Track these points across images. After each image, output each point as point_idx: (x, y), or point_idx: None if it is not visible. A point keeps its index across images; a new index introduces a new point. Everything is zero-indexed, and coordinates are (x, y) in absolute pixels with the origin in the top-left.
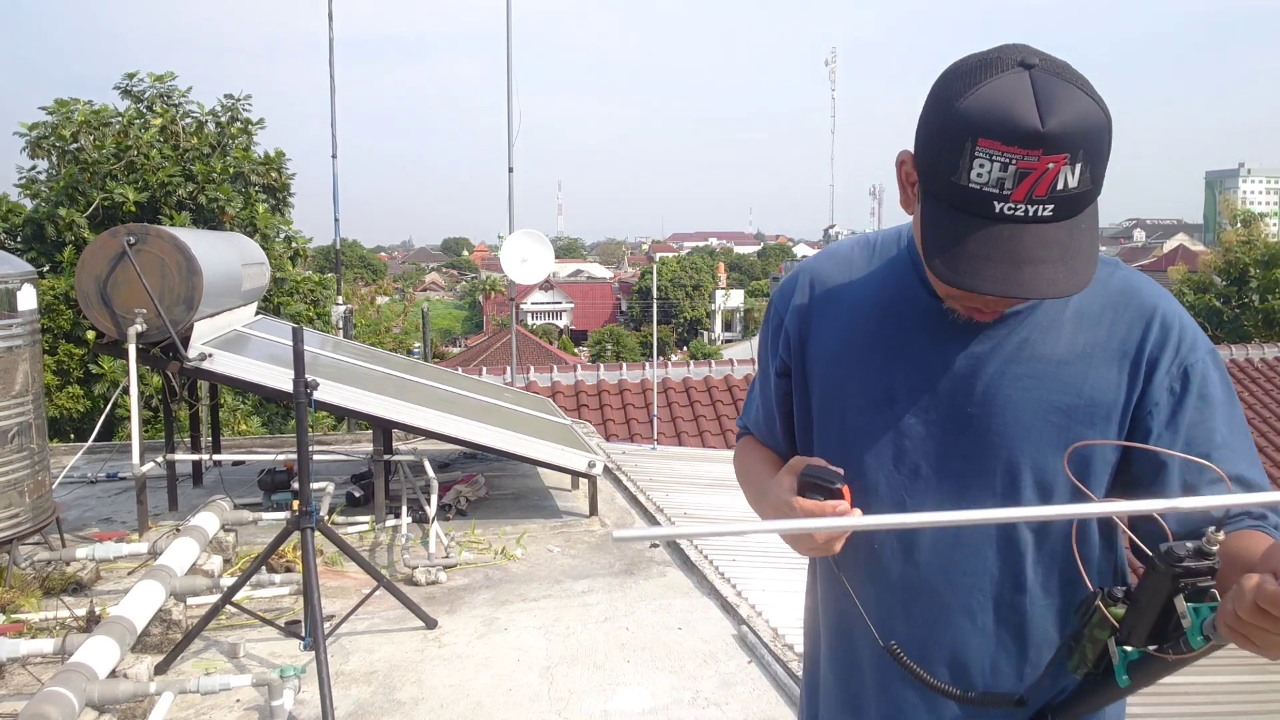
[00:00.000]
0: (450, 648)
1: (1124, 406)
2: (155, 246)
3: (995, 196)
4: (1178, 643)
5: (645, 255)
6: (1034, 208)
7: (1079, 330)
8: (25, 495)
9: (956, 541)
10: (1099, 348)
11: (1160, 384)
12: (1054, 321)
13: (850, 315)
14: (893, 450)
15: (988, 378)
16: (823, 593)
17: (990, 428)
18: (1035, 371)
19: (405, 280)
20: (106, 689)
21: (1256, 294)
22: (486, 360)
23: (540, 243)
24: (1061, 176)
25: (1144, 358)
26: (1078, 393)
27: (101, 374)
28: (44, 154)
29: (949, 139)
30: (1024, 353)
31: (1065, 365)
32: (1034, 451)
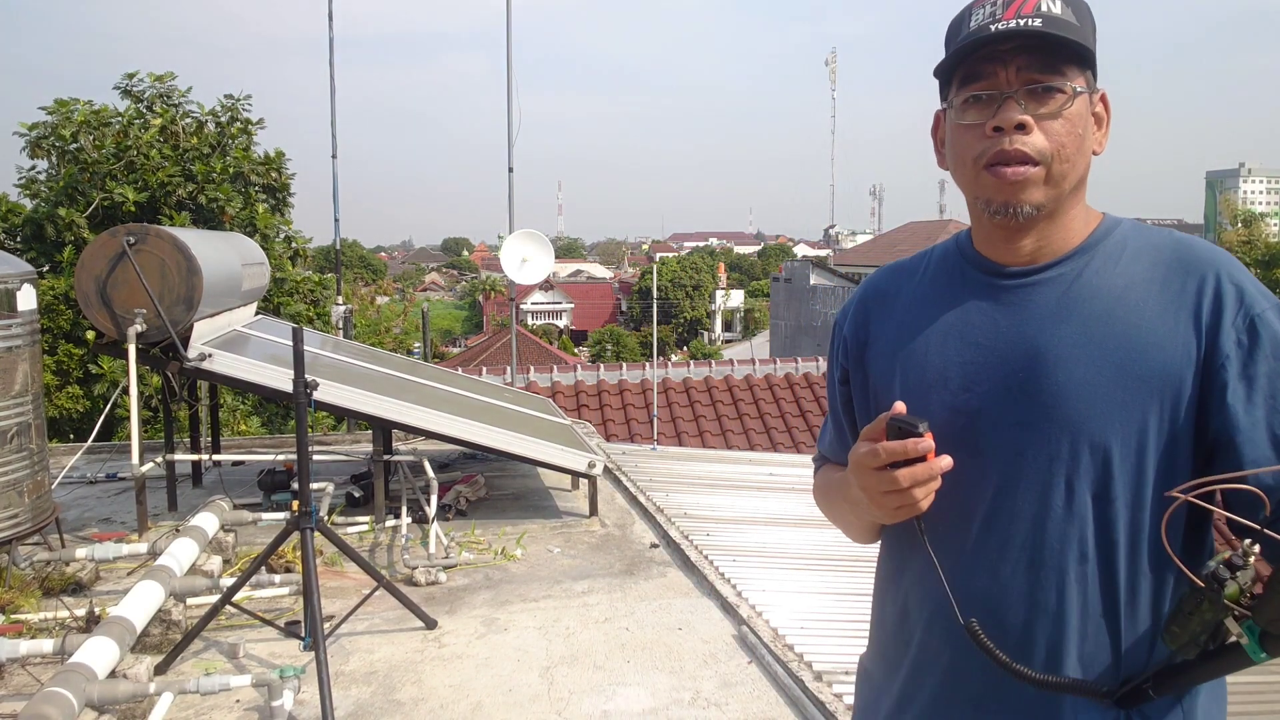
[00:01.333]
0: (450, 648)
1: (1188, 364)
2: (155, 246)
3: (991, 22)
4: None
5: (645, 255)
6: (1023, 21)
7: (1130, 289)
8: (25, 495)
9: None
10: (1152, 304)
11: (1228, 336)
12: (1103, 283)
13: (904, 310)
14: (949, 429)
15: (1038, 343)
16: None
17: (1043, 391)
18: (1085, 332)
19: (405, 280)
20: (106, 689)
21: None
22: (486, 360)
23: (540, 243)
24: (1045, 2)
25: (1203, 312)
26: (1129, 349)
27: (101, 374)
28: (44, 154)
29: (954, 21)
30: (1072, 314)
31: (1115, 323)
32: (1089, 413)
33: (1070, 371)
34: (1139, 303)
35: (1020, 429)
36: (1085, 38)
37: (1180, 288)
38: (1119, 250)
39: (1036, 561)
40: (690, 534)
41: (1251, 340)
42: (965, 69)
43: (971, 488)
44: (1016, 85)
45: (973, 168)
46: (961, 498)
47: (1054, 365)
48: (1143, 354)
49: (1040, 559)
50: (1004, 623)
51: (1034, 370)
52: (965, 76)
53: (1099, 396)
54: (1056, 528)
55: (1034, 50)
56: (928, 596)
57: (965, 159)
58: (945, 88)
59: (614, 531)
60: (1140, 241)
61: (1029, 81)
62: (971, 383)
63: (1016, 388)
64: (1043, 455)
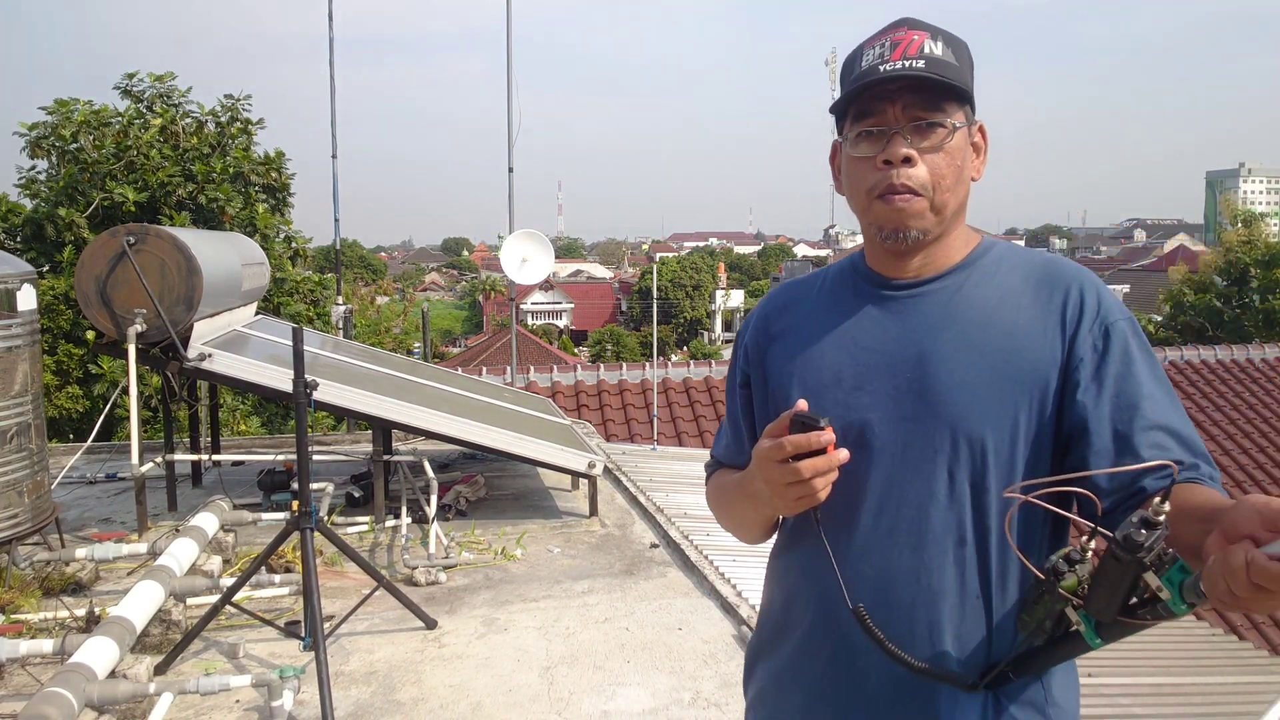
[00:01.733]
0: (450, 648)
1: (1053, 366)
2: (155, 246)
3: (880, 63)
4: (1155, 608)
5: (645, 255)
6: (908, 61)
7: (1004, 300)
8: (24, 495)
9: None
10: (1024, 313)
11: (1084, 341)
12: (980, 295)
13: (803, 319)
14: (841, 425)
15: (922, 348)
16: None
17: (927, 390)
18: (965, 337)
19: (405, 280)
20: (106, 689)
21: (1257, 294)
22: (486, 360)
23: (540, 243)
24: (928, 45)
25: (1067, 320)
26: (1003, 352)
27: (101, 374)
28: (44, 154)
29: (848, 59)
30: (953, 322)
31: (991, 329)
32: (968, 410)
33: (951, 372)
34: (1012, 312)
35: (907, 424)
36: (963, 77)
37: (1048, 299)
38: (995, 266)
39: (921, 545)
40: (690, 534)
41: (1104, 346)
42: (858, 106)
43: (863, 479)
44: (903, 122)
45: (866, 197)
46: (854, 488)
47: (937, 366)
48: (1015, 356)
49: (924, 543)
50: (891, 602)
51: (919, 371)
52: (858, 113)
53: (976, 394)
54: (940, 514)
55: (918, 90)
56: (816, 585)
57: (859, 189)
58: (840, 121)
59: (614, 531)
60: (1014, 259)
61: (914, 118)
62: (863, 383)
63: (904, 387)
64: (927, 448)
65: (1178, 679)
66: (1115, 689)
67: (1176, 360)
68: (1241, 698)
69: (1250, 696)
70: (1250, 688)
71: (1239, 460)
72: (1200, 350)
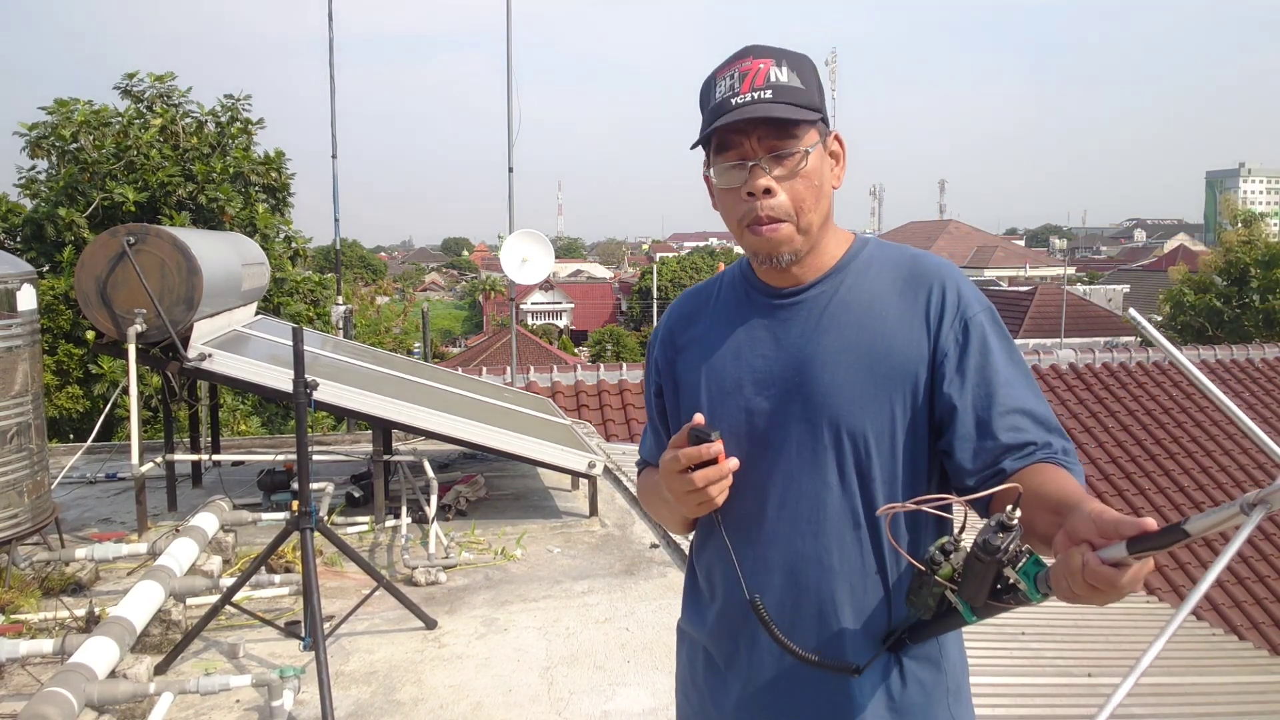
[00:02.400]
0: (450, 648)
1: (921, 361)
2: (155, 246)
3: (731, 96)
4: (1017, 595)
5: (645, 255)
6: (757, 93)
7: (875, 302)
8: (24, 495)
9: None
10: (893, 313)
11: (947, 336)
12: (854, 298)
13: (705, 330)
14: (746, 427)
15: (806, 352)
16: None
17: (814, 392)
18: (842, 340)
19: (405, 280)
20: (106, 689)
21: (1257, 294)
22: (486, 360)
23: (540, 243)
24: (773, 72)
25: (930, 316)
26: (876, 352)
27: (101, 374)
28: (44, 154)
29: (703, 88)
30: (831, 326)
31: (864, 331)
32: (848, 407)
33: (833, 374)
34: (882, 312)
35: (798, 423)
36: (810, 98)
37: (914, 297)
38: (866, 267)
39: (820, 531)
40: None
41: (964, 339)
42: (717, 139)
43: (766, 475)
44: (760, 153)
45: (738, 226)
46: (759, 484)
47: (819, 369)
48: (887, 355)
49: (823, 528)
50: (799, 583)
51: (805, 374)
52: (719, 145)
53: (855, 393)
54: (834, 501)
55: (768, 122)
56: (725, 575)
57: (731, 219)
58: (706, 152)
59: (614, 531)
60: (883, 259)
61: (770, 149)
62: (761, 388)
63: (793, 390)
64: (818, 444)
65: (1178, 679)
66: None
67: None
68: (1241, 698)
69: (1250, 696)
70: (1250, 688)
71: (1239, 460)
72: (1200, 350)
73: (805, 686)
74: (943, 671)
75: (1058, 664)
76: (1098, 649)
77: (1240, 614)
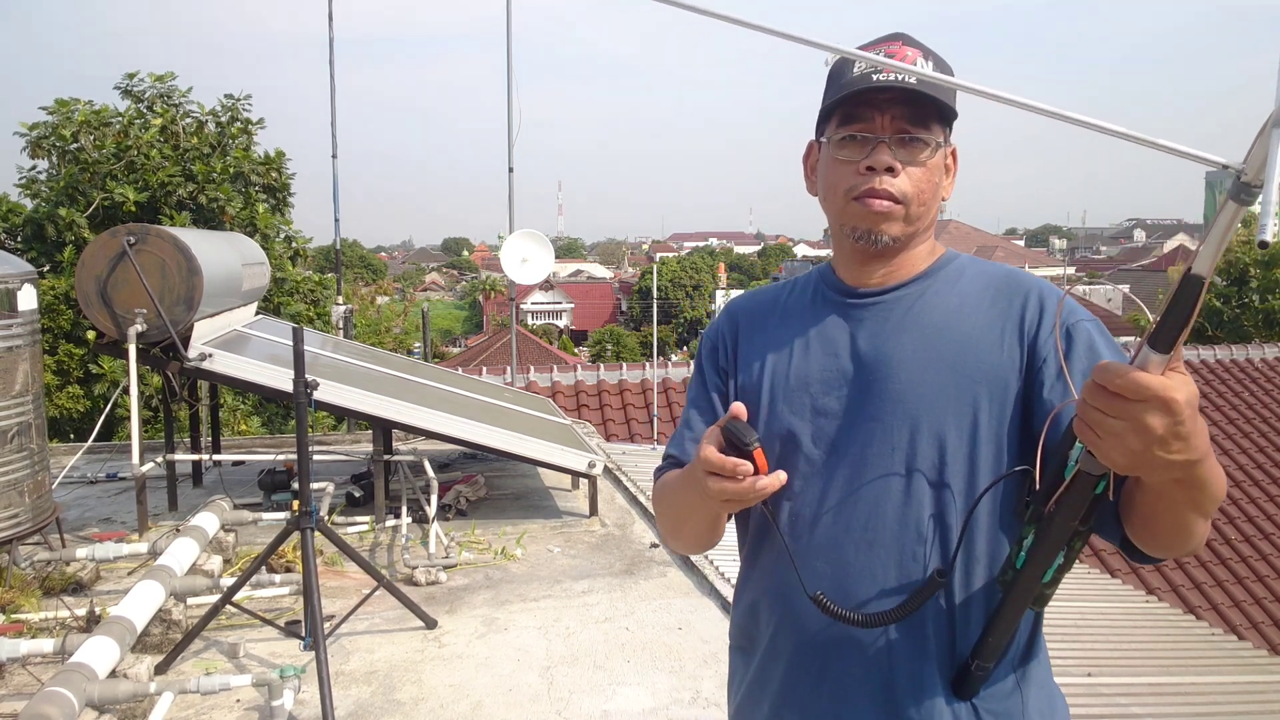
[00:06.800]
0: (450, 648)
1: (1012, 368)
2: (155, 246)
3: (874, 72)
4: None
5: (645, 255)
6: (901, 76)
7: (962, 306)
8: (25, 495)
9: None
10: (981, 317)
11: (1046, 343)
12: (940, 302)
13: (773, 326)
14: (810, 427)
15: (883, 351)
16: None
17: (887, 391)
18: (924, 341)
19: (405, 280)
20: (106, 689)
21: (1256, 294)
22: (486, 360)
23: (540, 243)
24: (919, 63)
25: (1025, 323)
26: (961, 353)
27: (101, 374)
28: (44, 154)
29: (836, 67)
30: (912, 327)
31: (950, 333)
32: (927, 407)
33: (912, 372)
34: (970, 316)
35: (869, 424)
36: (950, 98)
37: (1007, 304)
38: (956, 276)
39: (878, 541)
40: None
41: (1069, 344)
42: (845, 110)
43: (828, 480)
44: (889, 132)
45: (843, 198)
46: (819, 489)
47: (896, 369)
48: (973, 357)
49: (882, 539)
50: (848, 599)
51: (881, 372)
52: (845, 117)
53: (936, 393)
54: (896, 511)
55: (909, 103)
56: (779, 587)
57: (837, 190)
58: (824, 123)
59: (614, 531)
60: (975, 270)
61: (900, 130)
62: (830, 386)
63: (866, 389)
64: (886, 445)
65: (1178, 679)
66: (1115, 689)
67: None
68: (1241, 698)
69: (1250, 696)
70: (1250, 687)
71: (1238, 460)
72: (1200, 350)
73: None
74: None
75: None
76: (1098, 648)
77: (1240, 614)
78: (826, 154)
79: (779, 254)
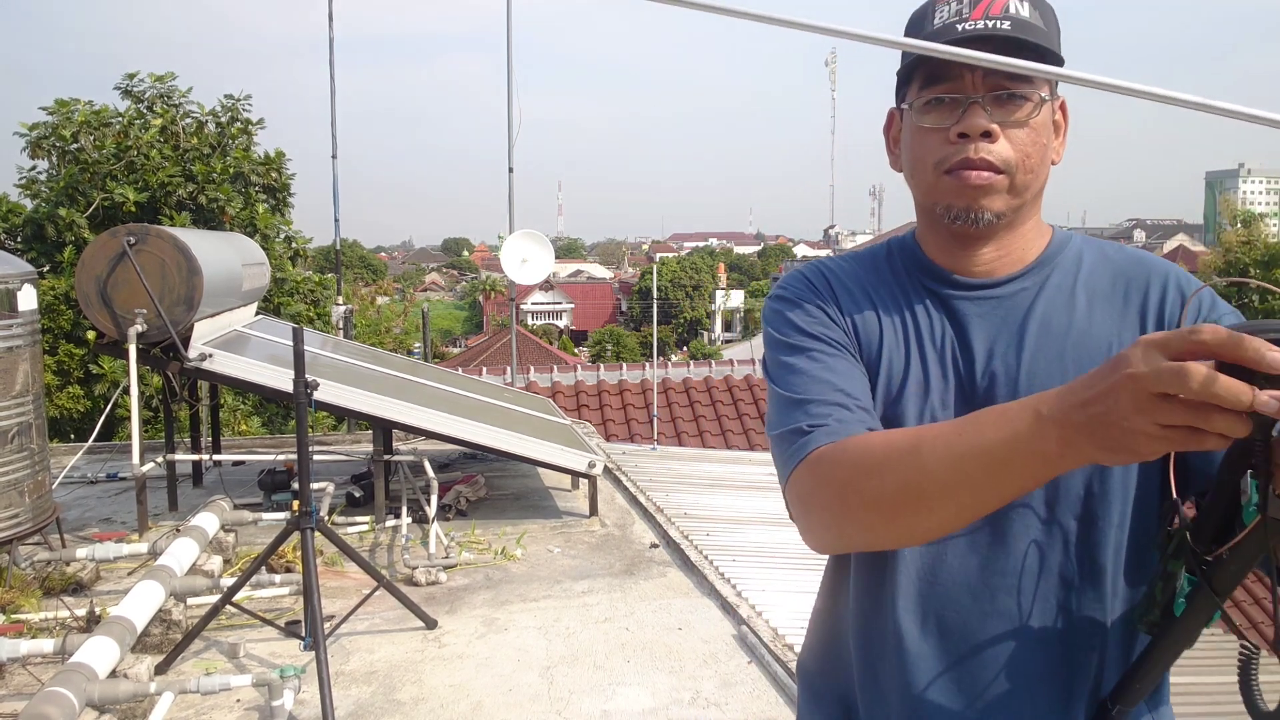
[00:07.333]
0: (450, 648)
1: None
2: (155, 247)
3: (957, 21)
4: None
5: (645, 255)
6: (992, 22)
7: (1093, 304)
8: (25, 495)
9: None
10: (1116, 317)
11: None
12: (1066, 299)
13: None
14: None
15: (1012, 360)
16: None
17: None
18: (1058, 349)
19: (405, 280)
20: (107, 689)
21: (1256, 294)
22: (486, 361)
23: (540, 243)
24: (1012, 4)
25: (1165, 313)
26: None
27: (102, 374)
28: (44, 154)
29: (915, 15)
30: (1041, 330)
31: (1087, 339)
32: None
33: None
34: (1104, 317)
35: None
36: (1052, 43)
37: (1142, 300)
38: (1075, 264)
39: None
40: (690, 534)
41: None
42: (928, 69)
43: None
44: (982, 90)
45: (933, 172)
46: None
47: (1028, 386)
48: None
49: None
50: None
51: (1007, 391)
52: (928, 77)
53: None
54: (1035, 553)
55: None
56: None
57: (925, 163)
58: (904, 86)
59: (614, 531)
60: (1095, 255)
61: (995, 87)
62: (946, 399)
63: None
64: None
65: (1178, 679)
66: None
67: None
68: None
69: None
70: None
71: None
72: None
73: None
74: None
75: None
76: None
77: (1240, 614)
78: (909, 122)
79: (779, 254)
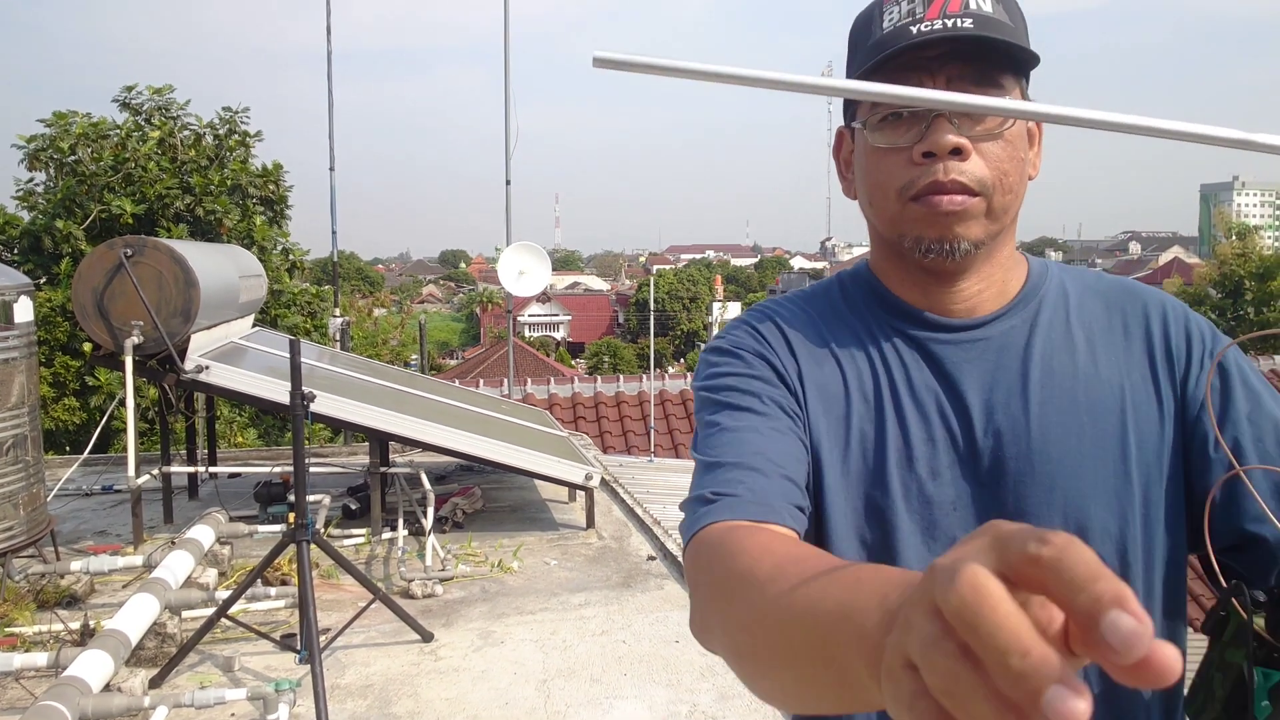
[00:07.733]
0: (446, 661)
1: (1167, 417)
2: (152, 258)
3: (911, 23)
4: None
5: (642, 268)
6: (952, 20)
7: (1092, 344)
8: (20, 508)
9: None
10: (1118, 358)
11: (1198, 384)
12: (1062, 340)
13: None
14: (919, 522)
15: (1014, 413)
16: None
17: (1035, 476)
18: (1059, 395)
19: (402, 292)
20: (100, 703)
21: (1251, 306)
22: (483, 372)
23: (537, 255)
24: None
25: (1171, 349)
26: (1111, 411)
27: (98, 386)
28: (42, 166)
29: (860, 19)
30: (1042, 376)
31: (1093, 382)
32: (1093, 493)
33: (1063, 449)
34: (1108, 356)
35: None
36: (1020, 38)
37: (1143, 334)
38: (1062, 297)
39: None
40: None
41: (1223, 379)
42: (880, 80)
43: None
44: None
45: (897, 200)
46: None
47: (1043, 443)
48: (1130, 418)
49: None
50: None
51: (1023, 449)
52: None
53: (1098, 477)
54: None
55: (966, 58)
56: None
57: (887, 189)
58: (853, 103)
59: (611, 544)
60: (1078, 285)
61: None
62: (937, 466)
63: (998, 471)
64: None
65: None
66: None
67: None
68: None
69: None
70: None
71: None
72: None
73: None
74: None
75: None
76: None
77: None
78: (863, 143)
79: (775, 266)
